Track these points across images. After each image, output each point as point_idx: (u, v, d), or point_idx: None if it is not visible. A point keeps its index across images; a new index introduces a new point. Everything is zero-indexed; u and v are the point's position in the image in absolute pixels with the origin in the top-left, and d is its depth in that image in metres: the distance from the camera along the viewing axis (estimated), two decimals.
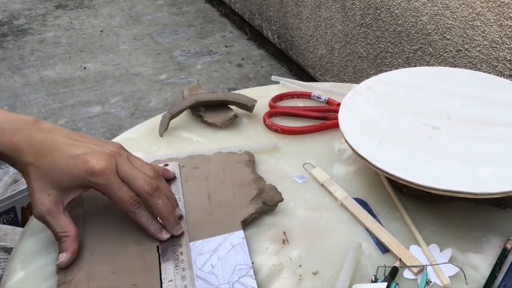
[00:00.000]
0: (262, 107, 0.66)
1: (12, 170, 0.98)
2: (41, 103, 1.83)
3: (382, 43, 1.38)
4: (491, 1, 1.01)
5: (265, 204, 0.50)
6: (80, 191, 0.46)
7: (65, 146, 0.45)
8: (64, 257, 0.44)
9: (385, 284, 0.42)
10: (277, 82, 0.73)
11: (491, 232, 0.49)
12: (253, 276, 0.44)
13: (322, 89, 0.71)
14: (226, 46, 2.19)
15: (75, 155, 0.44)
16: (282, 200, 0.50)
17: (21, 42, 2.26)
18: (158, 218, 0.47)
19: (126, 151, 0.48)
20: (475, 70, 1.02)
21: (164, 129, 0.62)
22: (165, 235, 0.46)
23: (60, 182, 0.44)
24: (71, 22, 2.43)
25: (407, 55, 1.29)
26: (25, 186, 0.97)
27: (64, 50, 2.18)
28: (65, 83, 1.96)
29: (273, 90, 0.71)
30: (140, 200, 0.46)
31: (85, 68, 2.05)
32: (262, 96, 0.68)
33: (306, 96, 0.69)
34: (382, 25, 1.35)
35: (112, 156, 0.45)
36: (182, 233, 0.47)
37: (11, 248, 0.57)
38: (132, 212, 0.45)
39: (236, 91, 0.69)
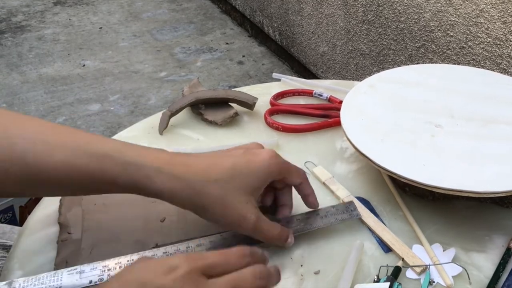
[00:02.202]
0: (263, 104, 0.66)
1: None
2: (39, 101, 1.83)
3: (384, 40, 1.37)
4: None
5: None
6: (265, 185, 0.43)
7: (222, 153, 0.43)
8: (292, 240, 0.44)
9: (388, 284, 0.42)
10: (278, 80, 0.73)
11: (495, 231, 0.49)
12: None
13: (324, 87, 0.70)
14: (227, 43, 2.19)
15: (239, 153, 0.42)
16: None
17: (19, 39, 2.25)
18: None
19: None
20: (478, 67, 1.01)
21: (164, 127, 0.62)
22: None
23: (246, 185, 0.41)
24: (69, 19, 2.42)
25: (410, 52, 1.29)
26: None
27: (63, 47, 2.17)
28: (63, 81, 1.95)
29: (274, 88, 0.70)
30: None
31: (84, 65, 2.04)
32: (263, 93, 0.68)
33: (308, 93, 0.69)
34: (385, 22, 1.35)
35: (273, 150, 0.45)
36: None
37: (10, 246, 0.56)
38: (306, 179, 0.46)
39: (237, 89, 0.68)
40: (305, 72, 1.85)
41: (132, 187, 0.39)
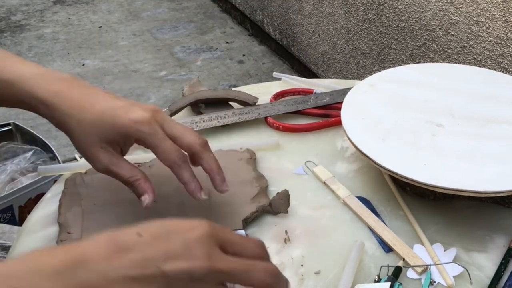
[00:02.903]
0: (263, 104, 0.66)
1: (9, 168, 0.98)
2: None
3: (385, 39, 1.37)
4: None
5: (270, 207, 0.50)
6: (126, 142, 0.44)
7: (108, 98, 0.44)
8: (147, 198, 0.43)
9: (388, 284, 0.42)
10: (279, 79, 0.72)
11: (496, 231, 0.48)
12: None
13: (324, 86, 0.70)
14: (227, 42, 2.18)
15: (119, 106, 0.43)
16: (286, 212, 0.50)
17: (19, 38, 2.24)
18: (208, 173, 0.45)
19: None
20: (479, 66, 1.01)
21: None
22: (204, 196, 0.45)
23: (106, 135, 0.43)
24: (69, 18, 2.42)
25: (411, 52, 1.28)
26: (23, 185, 0.96)
27: (63, 46, 2.17)
28: None
29: (274, 87, 0.70)
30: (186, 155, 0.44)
31: (83, 64, 2.04)
32: (263, 93, 0.67)
33: (308, 93, 0.69)
34: (385, 21, 1.34)
35: (156, 112, 0.44)
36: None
37: (9, 247, 0.56)
38: (177, 164, 0.44)
39: (237, 88, 0.68)
40: (306, 71, 1.85)
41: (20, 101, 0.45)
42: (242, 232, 0.47)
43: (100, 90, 0.46)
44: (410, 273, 0.44)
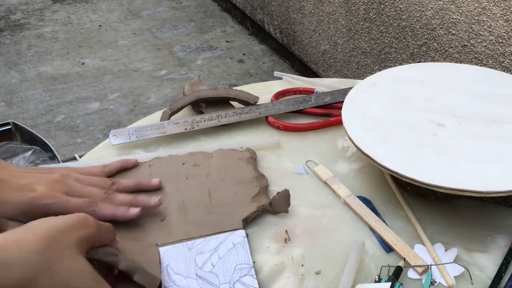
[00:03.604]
0: (264, 103, 0.65)
1: None
2: (38, 99, 1.82)
3: (386, 38, 1.37)
4: None
5: (270, 206, 0.49)
6: (25, 218, 0.43)
7: (12, 178, 0.44)
8: None
9: (389, 284, 0.41)
10: (280, 78, 0.72)
11: (497, 231, 0.48)
12: (255, 276, 0.43)
13: (325, 85, 0.70)
14: (227, 41, 2.18)
15: (21, 185, 0.44)
16: (287, 212, 0.49)
17: (18, 37, 2.24)
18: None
19: (74, 172, 0.48)
20: (481, 65, 1.01)
21: None
22: (133, 211, 0.46)
23: (3, 213, 0.42)
24: (69, 17, 2.41)
25: (412, 51, 1.28)
26: None
27: (62, 45, 2.17)
28: (62, 79, 1.94)
29: (275, 86, 0.70)
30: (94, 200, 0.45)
31: (83, 63, 2.04)
32: (264, 92, 0.67)
33: (309, 92, 0.68)
34: (386, 20, 1.34)
35: (60, 181, 0.45)
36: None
37: None
38: (92, 211, 0.44)
39: (238, 87, 0.68)
40: (306, 70, 1.85)
41: None
42: (242, 232, 0.47)
43: (9, 167, 0.45)
44: (411, 273, 0.44)
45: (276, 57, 2.06)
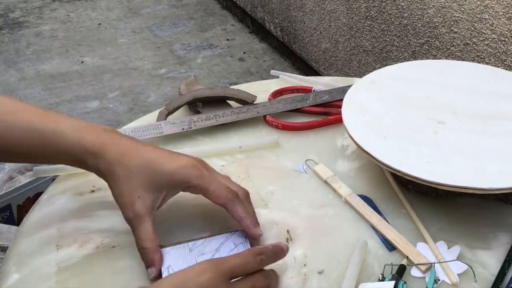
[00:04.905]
0: (262, 102, 0.65)
1: (7, 167, 0.97)
2: (37, 98, 1.82)
3: (387, 36, 1.36)
4: None
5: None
6: (169, 191, 0.44)
7: (153, 148, 0.45)
8: (153, 271, 0.42)
9: (393, 282, 0.41)
10: (277, 77, 0.72)
11: (499, 228, 0.48)
12: None
13: (322, 84, 0.69)
14: (228, 40, 2.17)
15: (165, 154, 0.44)
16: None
17: (17, 35, 2.23)
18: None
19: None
20: (483, 64, 1.00)
21: None
22: (259, 231, 0.45)
23: (149, 182, 0.43)
24: (68, 15, 2.41)
25: (413, 49, 1.27)
26: (21, 183, 0.95)
27: (61, 44, 2.16)
28: (62, 78, 1.94)
29: (272, 85, 0.69)
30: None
31: (82, 62, 2.03)
32: (261, 91, 0.67)
33: (307, 90, 0.68)
34: (388, 18, 1.33)
35: (200, 160, 0.46)
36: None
37: (7, 247, 0.56)
38: (231, 201, 0.44)
39: (236, 86, 0.67)
40: (307, 69, 1.84)
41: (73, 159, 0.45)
42: (243, 232, 0.46)
43: (144, 142, 0.46)
44: (414, 272, 0.44)
45: (276, 56, 2.05)
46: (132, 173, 0.42)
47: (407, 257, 0.45)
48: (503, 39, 1.02)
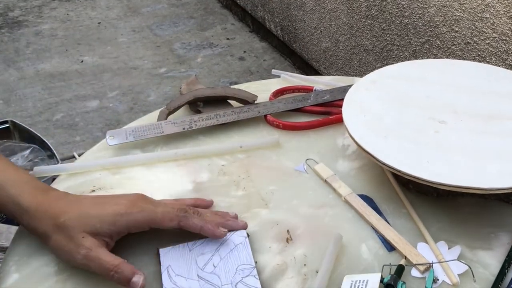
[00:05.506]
0: (263, 101, 0.65)
1: None
2: (36, 97, 1.82)
3: (388, 35, 1.36)
4: None
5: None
6: (114, 234, 0.44)
7: (92, 201, 0.45)
8: (139, 278, 0.41)
9: (379, 274, 0.41)
10: (278, 76, 0.72)
11: (500, 228, 0.48)
12: (257, 276, 0.42)
13: (323, 83, 0.69)
14: (228, 39, 2.17)
15: (112, 204, 0.44)
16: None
17: (16, 34, 2.23)
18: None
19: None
20: (484, 63, 1.00)
21: None
22: (222, 230, 0.45)
23: (92, 227, 0.42)
24: (67, 14, 2.40)
25: (414, 48, 1.27)
26: None
27: (61, 43, 2.16)
28: (61, 77, 1.93)
29: (273, 84, 0.69)
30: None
31: (82, 61, 2.03)
32: (262, 90, 0.67)
33: (308, 90, 0.68)
34: (388, 17, 1.33)
35: (141, 198, 0.46)
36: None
37: (7, 248, 0.56)
38: (183, 216, 0.44)
39: (236, 85, 0.67)
40: (308, 68, 1.84)
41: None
42: (243, 232, 0.46)
43: (84, 196, 0.48)
44: (414, 272, 0.44)
45: (277, 55, 2.05)
46: (72, 228, 0.42)
47: (405, 257, 0.45)
48: (504, 38, 1.01)
